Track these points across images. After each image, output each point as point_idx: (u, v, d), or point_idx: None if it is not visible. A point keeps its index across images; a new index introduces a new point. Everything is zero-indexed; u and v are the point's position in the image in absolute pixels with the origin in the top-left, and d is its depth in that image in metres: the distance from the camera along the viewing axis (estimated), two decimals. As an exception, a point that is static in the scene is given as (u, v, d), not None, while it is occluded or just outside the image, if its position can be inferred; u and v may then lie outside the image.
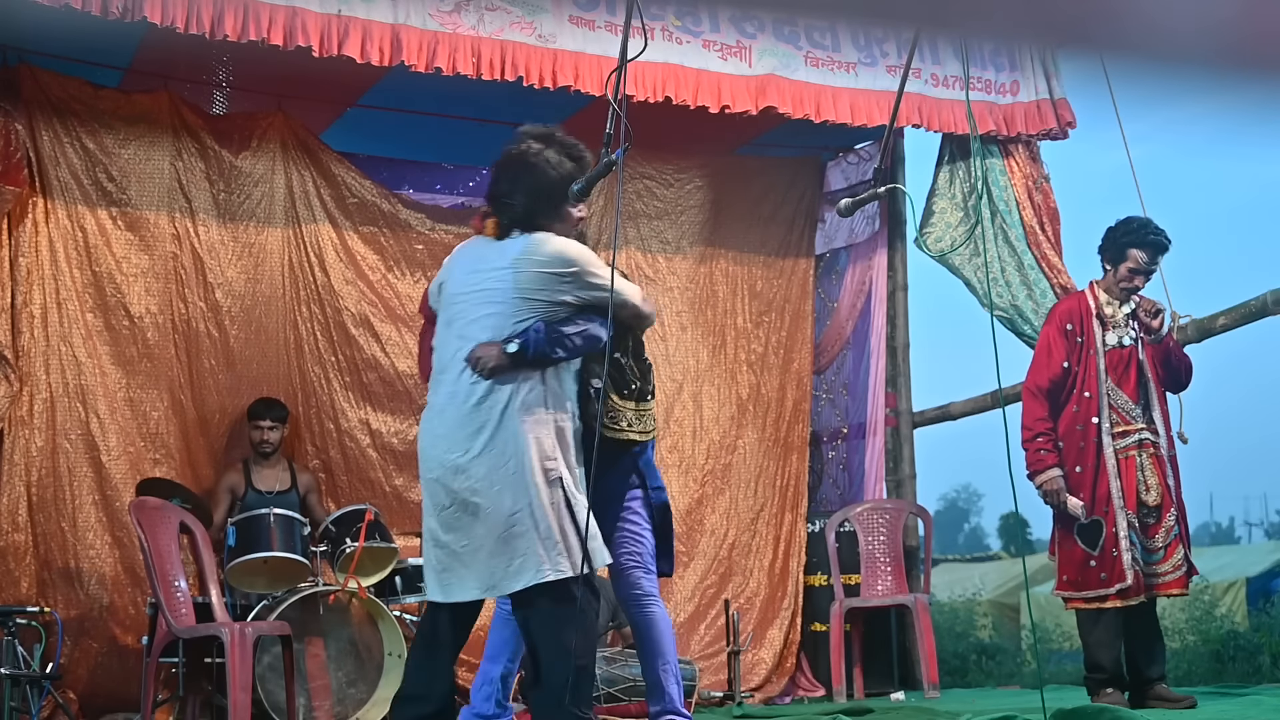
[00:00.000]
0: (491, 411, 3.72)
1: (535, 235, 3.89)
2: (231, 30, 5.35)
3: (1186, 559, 5.22)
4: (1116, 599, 5.14)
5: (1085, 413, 5.25)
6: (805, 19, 6.43)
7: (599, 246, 7.25)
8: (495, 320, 3.78)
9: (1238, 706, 5.08)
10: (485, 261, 3.90)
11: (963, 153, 7.12)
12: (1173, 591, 5.25)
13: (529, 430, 3.71)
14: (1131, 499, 5.17)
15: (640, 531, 4.18)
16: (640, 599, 4.18)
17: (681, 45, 6.28)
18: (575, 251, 3.88)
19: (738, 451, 7.52)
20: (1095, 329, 5.32)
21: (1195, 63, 1.30)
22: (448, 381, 3.84)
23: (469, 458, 3.73)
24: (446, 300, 3.99)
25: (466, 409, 3.76)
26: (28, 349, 6.03)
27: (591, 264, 3.89)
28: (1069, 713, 4.51)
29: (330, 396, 6.61)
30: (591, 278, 3.85)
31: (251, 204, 6.56)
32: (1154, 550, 5.18)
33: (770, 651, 7.23)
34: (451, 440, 3.77)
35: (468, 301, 3.89)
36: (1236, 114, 1.37)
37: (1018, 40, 5.54)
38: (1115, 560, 5.12)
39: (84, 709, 5.86)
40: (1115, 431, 5.23)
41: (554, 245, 3.87)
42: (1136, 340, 5.30)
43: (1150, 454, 5.22)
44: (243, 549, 5.64)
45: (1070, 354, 5.31)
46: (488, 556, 3.72)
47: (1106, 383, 5.26)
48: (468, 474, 3.73)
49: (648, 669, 4.21)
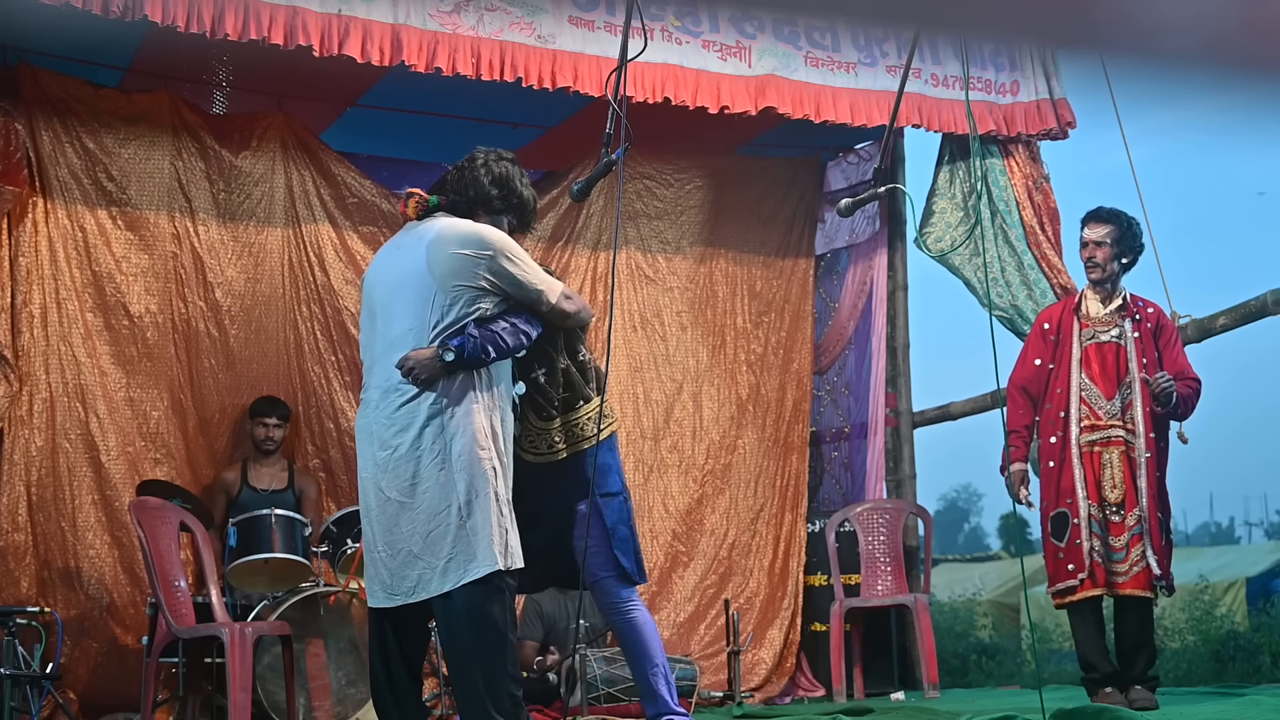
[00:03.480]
0: (420, 406, 3.65)
1: (454, 219, 3.83)
2: (232, 30, 5.35)
3: (1147, 560, 5.14)
4: (1082, 590, 5.18)
5: (1057, 408, 5.33)
6: (805, 19, 6.43)
7: (599, 247, 7.28)
8: (413, 308, 3.71)
9: (1238, 706, 5.07)
10: (402, 248, 3.85)
11: (963, 153, 7.12)
12: (1130, 591, 5.16)
13: (459, 423, 3.64)
14: (1094, 492, 5.21)
15: (603, 539, 4.07)
16: (619, 606, 4.09)
17: (681, 45, 6.28)
18: (493, 235, 3.78)
19: (738, 451, 7.52)
20: (1073, 327, 5.38)
21: (1195, 62, 1.30)
22: (378, 376, 3.78)
23: (397, 455, 3.67)
24: (367, 294, 3.92)
25: (396, 406, 3.69)
26: (27, 349, 6.03)
27: (510, 250, 3.78)
28: (1069, 713, 4.51)
29: (330, 396, 6.61)
30: (509, 264, 3.75)
31: (251, 204, 6.56)
32: (1116, 549, 5.19)
33: (770, 651, 7.23)
34: (381, 438, 3.71)
35: (386, 290, 3.82)
36: (1236, 114, 1.37)
37: (1018, 40, 5.54)
38: (1077, 550, 5.19)
39: (84, 709, 5.86)
40: (1084, 425, 5.27)
41: (471, 227, 3.79)
42: (1122, 339, 5.31)
43: (1120, 452, 5.22)
44: (244, 549, 5.64)
45: (1044, 352, 5.43)
46: (417, 557, 3.65)
47: (1079, 377, 5.31)
48: (397, 472, 3.67)
49: (637, 674, 4.13)
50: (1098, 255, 5.35)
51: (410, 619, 3.82)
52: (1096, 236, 5.35)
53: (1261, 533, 39.22)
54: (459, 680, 3.70)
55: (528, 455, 4.02)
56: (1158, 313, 5.41)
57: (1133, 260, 5.41)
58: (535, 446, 4.03)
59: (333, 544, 5.84)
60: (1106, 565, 5.17)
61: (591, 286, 7.23)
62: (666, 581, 7.23)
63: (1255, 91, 1.33)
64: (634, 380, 7.32)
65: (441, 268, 3.70)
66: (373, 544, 3.76)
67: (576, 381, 4.08)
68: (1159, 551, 5.16)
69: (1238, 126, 1.41)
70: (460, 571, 3.61)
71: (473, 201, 3.90)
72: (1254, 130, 1.40)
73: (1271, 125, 1.37)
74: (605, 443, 4.13)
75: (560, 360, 4.07)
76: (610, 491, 4.13)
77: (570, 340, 4.12)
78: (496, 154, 4.00)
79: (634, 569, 4.14)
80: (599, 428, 4.11)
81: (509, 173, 3.96)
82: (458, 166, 3.98)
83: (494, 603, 3.63)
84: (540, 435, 4.04)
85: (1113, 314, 5.36)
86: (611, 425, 4.21)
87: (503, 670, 3.63)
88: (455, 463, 3.62)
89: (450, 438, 3.64)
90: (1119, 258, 5.36)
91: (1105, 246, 5.33)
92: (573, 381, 4.08)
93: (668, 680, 4.11)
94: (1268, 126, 1.37)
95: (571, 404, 4.08)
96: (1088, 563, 5.16)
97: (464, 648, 3.65)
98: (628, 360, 7.29)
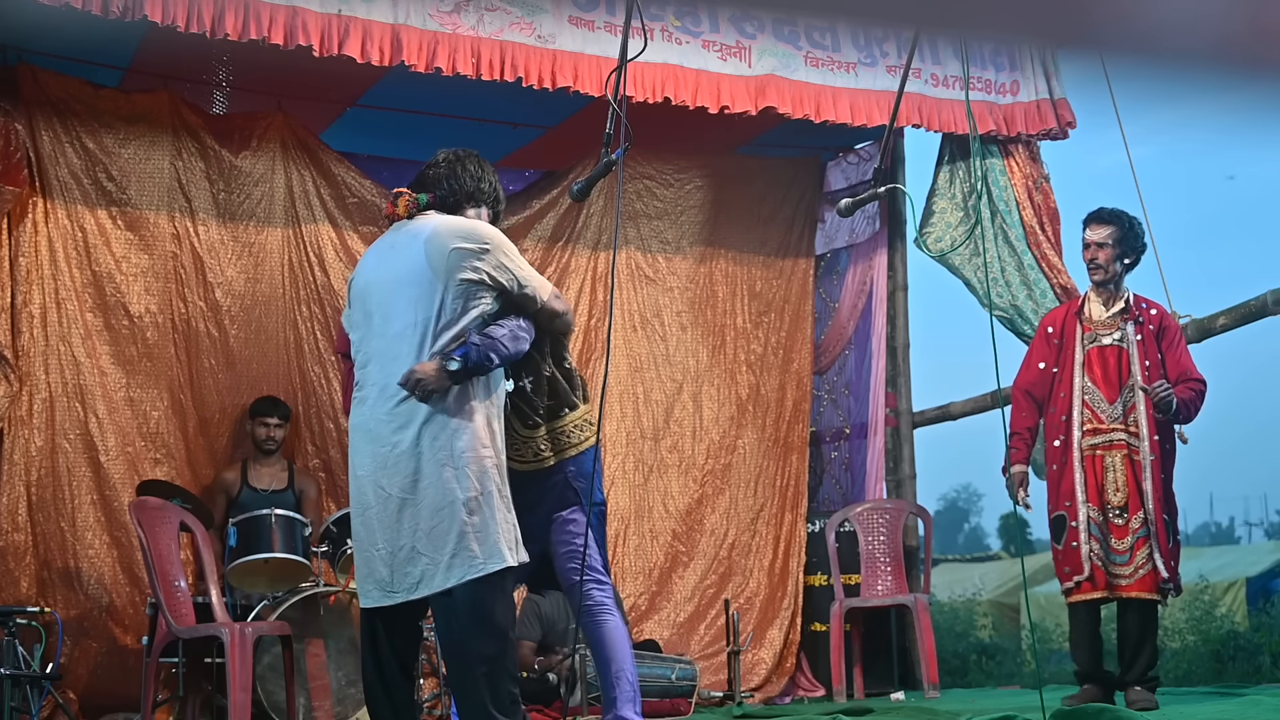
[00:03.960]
0: (419, 404, 3.65)
1: (447, 216, 3.85)
2: (232, 30, 5.35)
3: (1154, 563, 5.14)
4: (1080, 592, 5.19)
5: (1060, 411, 5.34)
6: (805, 19, 6.43)
7: (599, 247, 7.28)
8: (414, 304, 3.71)
9: (1238, 706, 5.07)
10: (397, 247, 3.85)
11: (963, 153, 7.12)
12: (1134, 594, 5.16)
13: (461, 421, 3.64)
14: (1095, 496, 5.21)
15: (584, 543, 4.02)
16: (592, 610, 4.04)
17: (681, 45, 6.28)
18: (490, 231, 3.82)
19: (738, 451, 7.52)
20: (1076, 330, 5.38)
21: (1195, 63, 1.30)
22: (374, 373, 3.78)
23: (398, 451, 3.66)
24: (359, 295, 3.90)
25: (396, 403, 3.68)
26: (27, 349, 6.03)
27: (506, 246, 3.80)
28: (1069, 713, 4.52)
29: (330, 396, 6.61)
30: (505, 259, 3.77)
31: (251, 204, 6.56)
32: (1119, 551, 5.19)
33: (770, 651, 7.23)
34: (380, 434, 3.70)
35: (384, 288, 3.81)
36: (1236, 114, 1.37)
37: (1018, 40, 5.54)
38: (1074, 552, 5.20)
39: (84, 709, 5.86)
40: (1086, 429, 5.27)
41: (468, 222, 3.83)
42: (1125, 342, 5.30)
43: (1122, 455, 5.21)
44: (244, 549, 5.64)
45: (1048, 356, 5.43)
46: (420, 553, 3.63)
47: (1082, 381, 5.31)
48: (398, 468, 3.65)
49: (603, 680, 4.08)
50: (1100, 256, 5.34)
51: (403, 617, 3.80)
52: (1098, 238, 5.34)
53: (1261, 533, 39.22)
54: (458, 677, 3.69)
55: (513, 463, 4.01)
56: (1161, 314, 5.39)
57: (1135, 261, 5.40)
58: (520, 455, 4.00)
59: (332, 544, 5.84)
60: (1107, 568, 5.17)
61: (591, 286, 7.24)
62: (666, 581, 7.23)
63: (1255, 92, 1.33)
64: (634, 380, 7.32)
65: (442, 262, 3.70)
66: (369, 542, 3.74)
67: (562, 389, 4.05)
68: (1165, 554, 5.15)
69: (1238, 127, 1.41)
70: (465, 568, 3.60)
71: (459, 196, 3.92)
72: (1254, 130, 1.40)
73: (1272, 126, 1.37)
74: (590, 451, 4.10)
75: (546, 367, 4.04)
76: (595, 500, 4.09)
77: (555, 347, 4.09)
78: (461, 151, 4.04)
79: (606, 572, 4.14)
80: (599, 431, 4.10)
81: (479, 166, 4.01)
82: (433, 164, 3.99)
83: (497, 600, 3.63)
84: (526, 443, 4.01)
85: (1115, 317, 5.35)
86: (595, 434, 4.18)
87: (503, 668, 3.63)
88: (459, 459, 3.62)
89: (452, 435, 3.63)
90: (1121, 258, 5.35)
91: (1107, 248, 5.32)
92: (558, 389, 4.05)
93: (633, 688, 4.04)
94: (1268, 127, 1.37)
95: (556, 411, 4.04)
96: (1086, 566, 5.16)
97: (465, 644, 3.64)
98: (628, 360, 7.29)
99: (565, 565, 4.00)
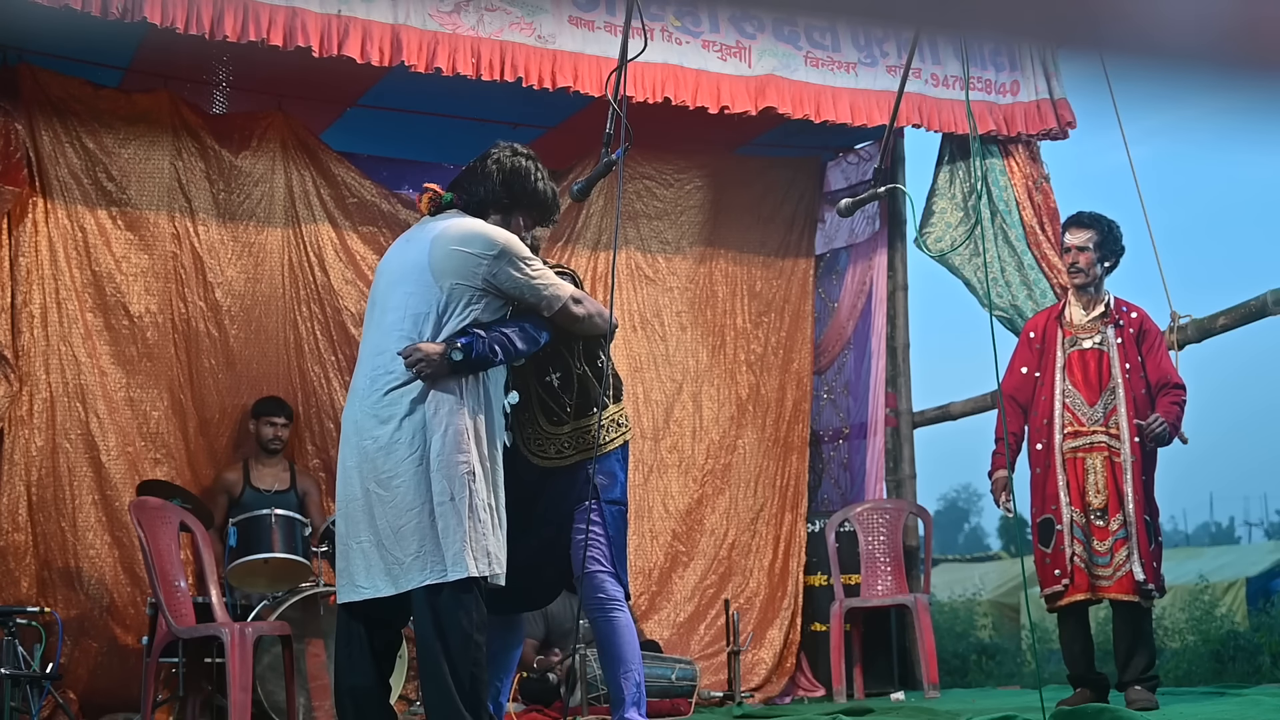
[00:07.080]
0: (402, 400, 3.63)
1: (463, 217, 3.81)
2: (231, 31, 5.35)
3: (1132, 565, 5.14)
4: (1067, 596, 5.21)
5: (1042, 415, 5.36)
6: (805, 19, 6.44)
7: (599, 247, 7.28)
8: (408, 299, 3.70)
9: (1238, 706, 5.07)
10: (412, 241, 3.85)
11: (963, 153, 7.12)
12: (1114, 595, 5.18)
13: (441, 422, 3.61)
14: (1077, 498, 5.23)
15: (603, 536, 4.01)
16: (604, 603, 4.00)
17: (681, 46, 6.28)
18: (497, 236, 3.74)
19: (738, 451, 7.53)
20: (1056, 334, 5.41)
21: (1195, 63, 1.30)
22: (366, 365, 3.77)
23: (377, 446, 3.65)
24: (374, 285, 3.93)
25: (380, 395, 3.68)
26: (27, 349, 6.03)
27: (514, 253, 3.73)
28: (1069, 713, 4.52)
29: (330, 396, 6.61)
30: (510, 267, 3.71)
31: (251, 204, 6.56)
32: (1100, 554, 5.21)
33: (770, 651, 7.23)
34: (364, 429, 3.70)
35: (387, 280, 3.82)
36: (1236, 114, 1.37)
37: (1018, 40, 5.55)
38: (1062, 555, 5.22)
39: (84, 709, 5.86)
40: (1067, 431, 5.29)
41: (475, 226, 3.76)
42: (1105, 345, 5.32)
43: (1103, 457, 5.23)
44: (244, 549, 5.64)
45: (1030, 360, 5.46)
46: (386, 550, 3.62)
47: (1063, 384, 5.33)
48: (375, 463, 3.65)
49: (609, 676, 4.06)
50: (1081, 260, 5.38)
51: (381, 615, 3.78)
52: (1079, 242, 5.38)
53: (1261, 533, 39.16)
54: (424, 674, 3.68)
55: (534, 459, 3.99)
56: (1141, 317, 5.41)
57: (1114, 264, 5.44)
58: (543, 450, 3.98)
59: (332, 544, 5.83)
60: (1090, 570, 5.20)
61: (591, 286, 7.23)
62: (666, 581, 7.23)
63: (1256, 92, 1.33)
64: (634, 380, 7.32)
65: (440, 264, 3.69)
66: (349, 535, 3.72)
67: (592, 388, 4.02)
68: (1145, 556, 5.16)
69: (1238, 127, 1.41)
70: (425, 572, 3.58)
71: (483, 199, 3.88)
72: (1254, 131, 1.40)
73: (1272, 126, 1.37)
74: (617, 452, 4.08)
75: (576, 366, 4.01)
76: (614, 499, 4.07)
77: (589, 346, 4.05)
78: (512, 149, 3.96)
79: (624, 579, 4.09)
80: (626, 430, 4.10)
81: (521, 167, 3.91)
82: (471, 163, 3.97)
83: (460, 606, 3.58)
84: (549, 440, 3.99)
85: (1095, 320, 5.38)
86: (625, 434, 4.16)
87: (465, 669, 3.59)
88: (433, 461, 3.60)
89: (430, 435, 3.61)
90: (1101, 261, 5.39)
91: (1088, 251, 5.36)
92: (587, 388, 4.02)
93: (639, 687, 4.02)
94: (1268, 127, 1.37)
95: (584, 410, 4.02)
96: (1070, 568, 5.19)
97: (428, 646, 3.63)
98: (628, 360, 7.29)
99: (578, 555, 3.96)
